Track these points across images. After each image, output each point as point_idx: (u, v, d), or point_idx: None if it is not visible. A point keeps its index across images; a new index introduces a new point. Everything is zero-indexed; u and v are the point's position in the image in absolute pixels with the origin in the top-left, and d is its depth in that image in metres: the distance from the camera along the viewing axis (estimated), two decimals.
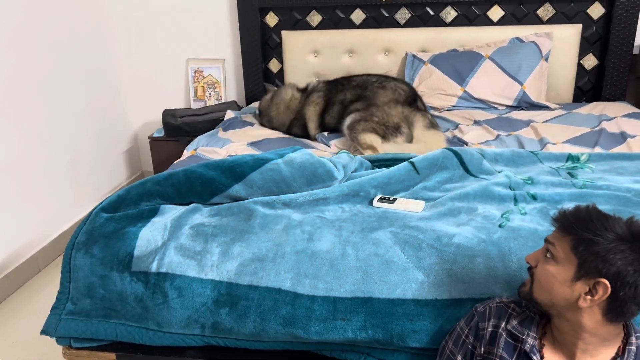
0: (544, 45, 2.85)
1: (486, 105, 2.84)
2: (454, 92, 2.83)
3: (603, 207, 1.61)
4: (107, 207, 1.68)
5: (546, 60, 2.85)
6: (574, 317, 1.05)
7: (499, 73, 2.83)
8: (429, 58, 2.92)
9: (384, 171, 1.83)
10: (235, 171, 1.72)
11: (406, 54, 3.00)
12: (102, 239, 1.59)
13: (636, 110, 2.67)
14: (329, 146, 2.48)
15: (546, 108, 2.80)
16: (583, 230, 1.02)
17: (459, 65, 2.85)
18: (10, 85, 2.48)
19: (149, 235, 1.58)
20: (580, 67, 2.99)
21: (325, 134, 2.59)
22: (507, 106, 2.84)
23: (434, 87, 2.86)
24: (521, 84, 2.81)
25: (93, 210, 1.68)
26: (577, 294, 1.03)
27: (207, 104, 3.37)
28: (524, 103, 2.82)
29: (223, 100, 3.37)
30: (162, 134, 3.17)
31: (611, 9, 2.83)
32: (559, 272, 1.05)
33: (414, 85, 2.85)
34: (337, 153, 2.04)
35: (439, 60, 2.90)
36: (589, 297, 1.01)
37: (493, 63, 2.83)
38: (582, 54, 2.96)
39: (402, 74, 3.01)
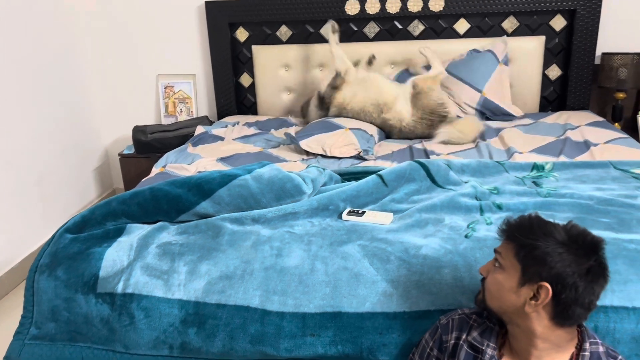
0: (498, 50, 2.91)
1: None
2: None
3: (566, 215, 1.66)
4: (71, 227, 1.65)
5: (505, 64, 2.92)
6: (524, 323, 1.08)
7: (457, 84, 2.89)
8: (396, 75, 2.98)
9: (353, 184, 1.84)
10: (202, 188, 1.71)
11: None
12: (66, 260, 1.56)
13: (599, 118, 2.74)
14: (298, 145, 2.46)
15: (511, 116, 2.86)
16: (524, 237, 1.06)
17: None
18: None
19: (115, 256, 1.55)
20: (545, 77, 3.06)
21: (293, 133, 2.57)
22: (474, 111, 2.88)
23: None
24: (480, 91, 2.86)
25: (57, 231, 1.64)
26: (523, 300, 1.06)
27: (179, 120, 3.35)
28: (488, 110, 2.87)
29: (194, 116, 3.35)
30: (132, 151, 3.14)
31: (572, 21, 2.92)
32: (506, 279, 1.08)
33: None
34: (306, 167, 2.04)
35: (406, 76, 2.94)
36: (533, 301, 1.04)
37: (451, 76, 2.89)
38: (546, 64, 3.04)
39: None
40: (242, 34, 3.19)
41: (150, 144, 3.01)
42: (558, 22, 2.95)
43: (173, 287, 1.48)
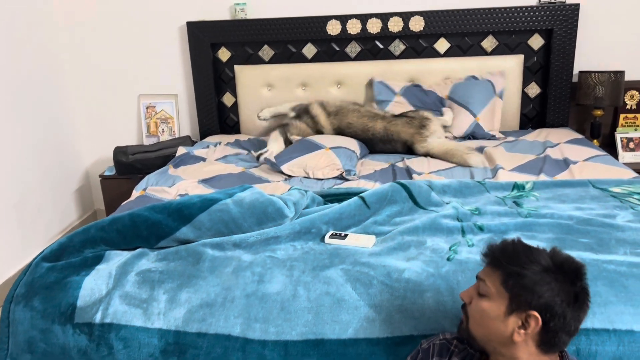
0: (498, 82, 2.94)
1: None
2: None
3: (547, 235, 1.67)
4: (48, 256, 1.62)
5: (500, 98, 2.94)
6: (509, 352, 1.07)
7: (456, 106, 2.92)
8: (400, 89, 2.99)
9: (335, 207, 1.83)
10: (182, 213, 1.69)
11: (372, 80, 3.06)
12: (42, 290, 1.53)
13: (578, 135, 2.79)
14: (279, 170, 2.46)
15: (493, 138, 2.89)
16: (511, 265, 1.05)
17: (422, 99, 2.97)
18: None
19: (93, 284, 1.52)
20: (524, 95, 3.11)
21: (272, 158, 2.56)
22: (456, 137, 2.90)
23: None
24: (475, 116, 2.88)
25: (34, 260, 1.61)
26: (511, 329, 1.04)
27: (161, 140, 3.33)
28: (476, 134, 2.89)
29: (177, 136, 3.33)
30: (113, 172, 3.10)
31: (550, 40, 2.97)
32: (492, 308, 1.07)
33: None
34: (288, 190, 2.03)
35: (409, 94, 2.98)
36: (522, 330, 1.03)
37: (451, 101, 2.94)
38: (525, 82, 3.08)
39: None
40: (224, 54, 3.19)
41: (132, 165, 2.98)
42: (536, 41, 3.01)
43: (152, 316, 1.45)
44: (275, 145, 2.72)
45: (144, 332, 1.43)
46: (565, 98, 3.02)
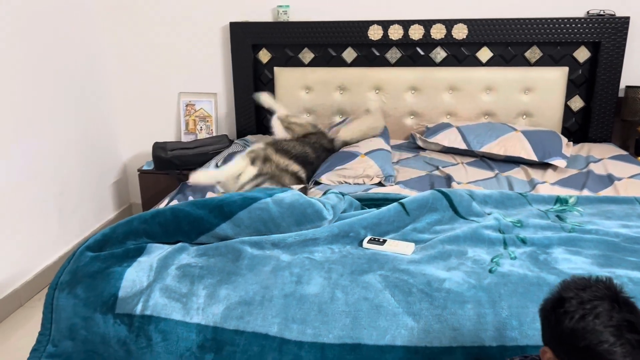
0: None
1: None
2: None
3: (592, 251, 1.63)
4: (92, 245, 1.65)
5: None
6: None
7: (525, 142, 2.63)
8: (460, 125, 2.86)
9: (374, 212, 1.82)
10: (223, 210, 1.70)
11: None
12: (86, 279, 1.56)
13: (622, 152, 2.71)
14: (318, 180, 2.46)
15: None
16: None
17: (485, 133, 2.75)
18: (0, 116, 2.47)
19: (134, 276, 1.55)
20: (567, 108, 3.04)
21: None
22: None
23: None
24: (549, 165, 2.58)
25: (78, 248, 1.65)
26: None
27: (198, 137, 3.37)
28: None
29: (214, 134, 3.37)
30: (151, 167, 3.16)
31: (597, 53, 2.90)
32: None
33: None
34: (324, 193, 2.03)
35: (466, 129, 2.81)
36: None
37: (523, 135, 2.67)
38: (569, 95, 3.02)
39: (394, 111, 3.06)
40: (264, 55, 3.22)
41: (170, 160, 3.03)
42: (582, 54, 2.94)
43: (192, 311, 1.47)
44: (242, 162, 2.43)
45: (182, 326, 1.45)
46: (609, 113, 2.95)
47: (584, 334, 0.89)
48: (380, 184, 2.40)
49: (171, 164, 3.04)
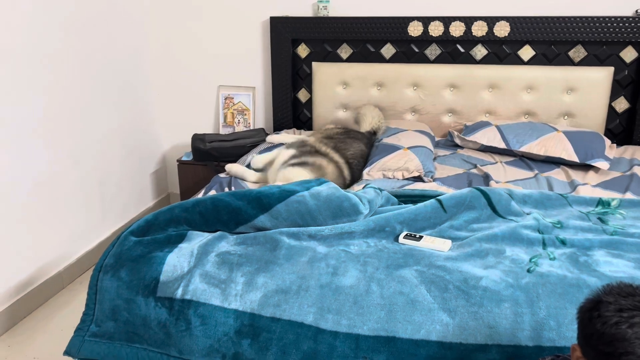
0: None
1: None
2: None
3: (634, 255, 1.60)
4: (135, 230, 1.71)
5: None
6: None
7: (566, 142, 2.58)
8: (499, 123, 2.82)
9: (411, 207, 1.82)
10: (261, 202, 1.74)
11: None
12: (129, 262, 1.61)
13: None
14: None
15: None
16: None
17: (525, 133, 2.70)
18: (47, 105, 2.57)
19: (176, 261, 1.59)
20: (611, 109, 2.96)
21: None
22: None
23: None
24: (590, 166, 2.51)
25: (122, 233, 1.71)
26: None
27: (236, 130, 3.42)
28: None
29: (251, 127, 3.42)
30: (190, 158, 3.22)
31: None
32: None
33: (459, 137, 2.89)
34: (363, 187, 2.04)
35: (505, 128, 2.76)
36: None
37: (565, 135, 2.62)
38: (613, 96, 2.94)
39: (433, 108, 3.04)
40: (303, 50, 3.24)
41: (208, 152, 3.09)
42: (629, 54, 2.86)
43: (230, 297, 1.50)
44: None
45: (220, 312, 1.49)
46: None
47: (612, 341, 0.88)
48: (419, 179, 2.39)
49: (209, 155, 3.10)
